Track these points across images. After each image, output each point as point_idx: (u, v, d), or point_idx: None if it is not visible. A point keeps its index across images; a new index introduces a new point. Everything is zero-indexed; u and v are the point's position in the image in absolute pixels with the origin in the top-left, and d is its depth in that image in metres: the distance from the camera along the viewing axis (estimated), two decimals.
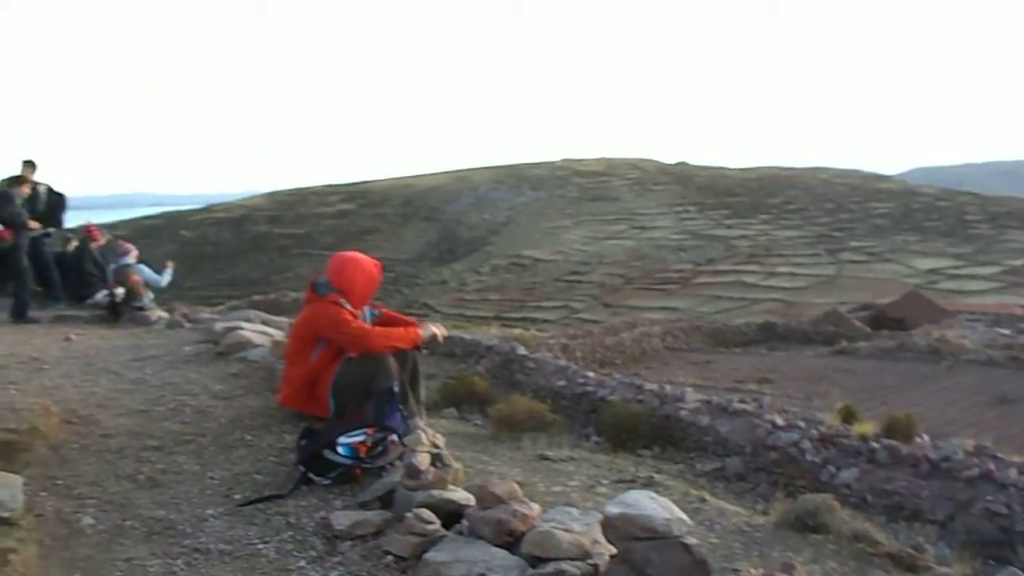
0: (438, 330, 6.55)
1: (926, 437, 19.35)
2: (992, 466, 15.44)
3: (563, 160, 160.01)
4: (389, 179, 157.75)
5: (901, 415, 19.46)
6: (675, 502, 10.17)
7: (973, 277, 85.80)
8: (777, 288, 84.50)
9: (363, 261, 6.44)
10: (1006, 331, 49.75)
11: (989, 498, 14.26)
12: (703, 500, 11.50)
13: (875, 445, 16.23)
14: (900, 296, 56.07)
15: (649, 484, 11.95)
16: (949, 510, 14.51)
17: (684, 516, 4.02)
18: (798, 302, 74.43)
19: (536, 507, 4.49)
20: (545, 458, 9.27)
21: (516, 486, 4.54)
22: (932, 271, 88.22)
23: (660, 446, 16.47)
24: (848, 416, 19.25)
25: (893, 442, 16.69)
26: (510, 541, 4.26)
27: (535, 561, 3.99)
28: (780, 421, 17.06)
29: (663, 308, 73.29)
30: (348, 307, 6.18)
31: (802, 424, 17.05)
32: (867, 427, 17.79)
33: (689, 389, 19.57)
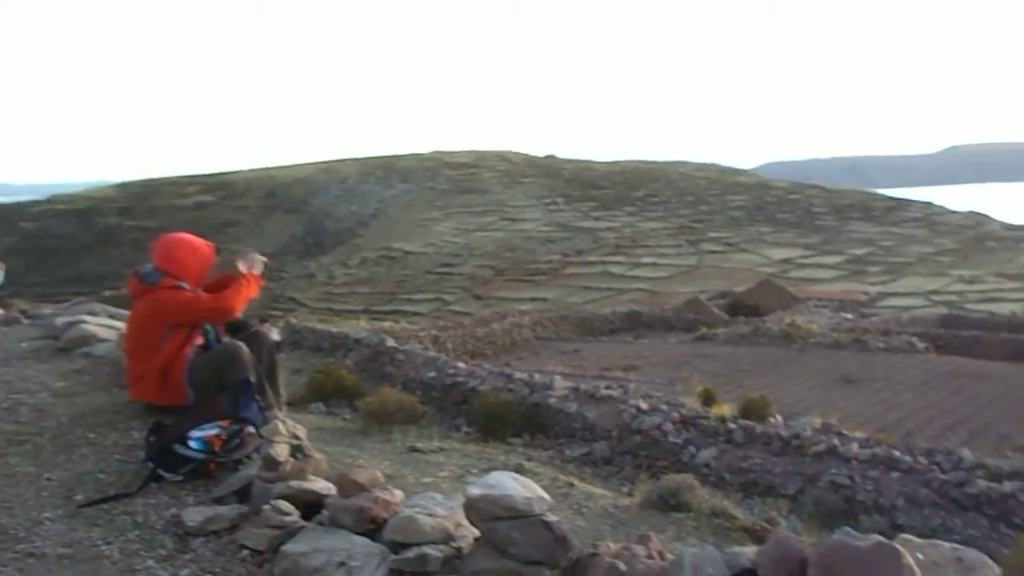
0: (258, 257, 6.28)
1: (779, 417, 20.47)
2: (837, 442, 16.49)
3: (433, 152, 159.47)
4: (251, 170, 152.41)
5: (756, 397, 20.51)
6: (544, 488, 10.28)
7: (820, 266, 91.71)
8: (642, 278, 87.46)
9: (193, 241, 6.10)
10: (850, 316, 53.50)
11: (834, 471, 15.23)
12: (571, 485, 11.71)
13: (732, 426, 17.01)
14: (755, 284, 59.13)
15: (519, 471, 12.06)
16: (799, 484, 15.39)
17: (545, 495, 4.02)
18: (662, 291, 77.31)
19: (400, 493, 4.38)
20: (415, 450, 9.18)
21: (379, 473, 4.42)
22: (784, 260, 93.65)
23: (530, 434, 16.63)
24: (708, 399, 20.09)
25: (748, 422, 17.55)
26: (372, 529, 4.13)
27: (398, 547, 3.89)
28: (644, 406, 17.59)
29: (533, 299, 74.40)
30: (187, 288, 5.86)
31: (664, 408, 17.64)
32: (725, 409, 18.62)
33: (558, 377, 19.89)
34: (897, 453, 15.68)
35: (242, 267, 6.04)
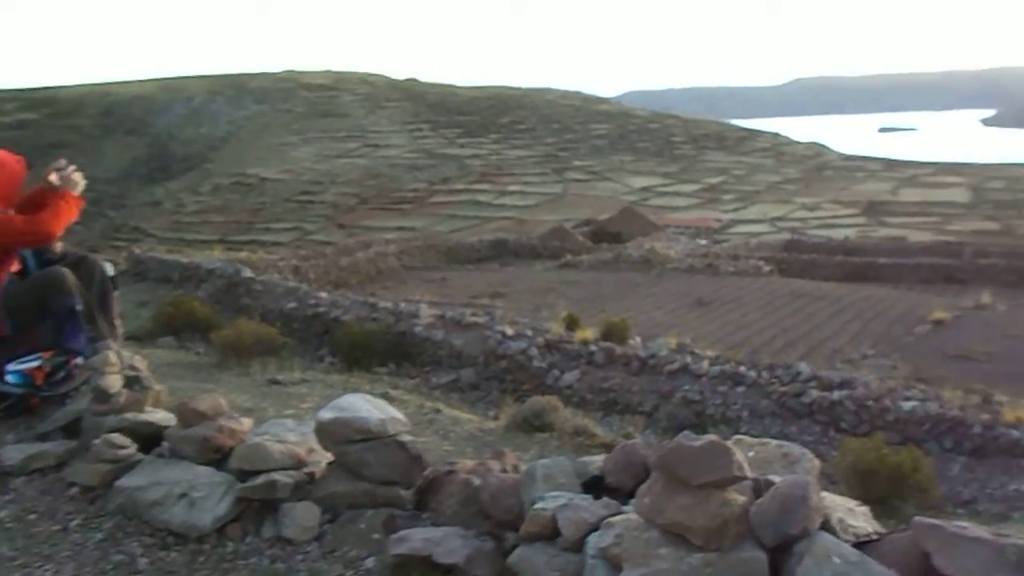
0: (74, 173, 5.53)
1: (638, 338, 21.29)
2: (689, 360, 17.35)
3: (286, 71, 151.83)
4: (82, 85, 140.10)
5: (617, 320, 21.21)
6: (410, 415, 10.21)
7: (678, 194, 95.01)
8: (509, 206, 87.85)
9: None
10: (704, 242, 55.87)
11: (686, 388, 16.06)
12: (437, 411, 11.76)
13: (593, 348, 17.58)
14: (617, 212, 60.59)
15: (385, 400, 12.03)
16: (655, 401, 16.15)
17: (400, 415, 3.94)
18: (529, 219, 78.00)
19: (247, 421, 4.19)
20: (276, 382, 8.96)
21: (222, 401, 4.20)
22: (644, 189, 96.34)
23: (396, 363, 16.56)
24: (571, 324, 20.61)
25: (609, 345, 18.18)
26: (219, 458, 3.95)
27: (245, 475, 3.73)
28: (510, 331, 17.86)
29: (399, 228, 73.41)
30: None
31: (530, 333, 17.98)
32: (587, 333, 19.20)
33: (424, 306, 19.82)
34: (743, 369, 16.68)
35: (54, 181, 5.31)
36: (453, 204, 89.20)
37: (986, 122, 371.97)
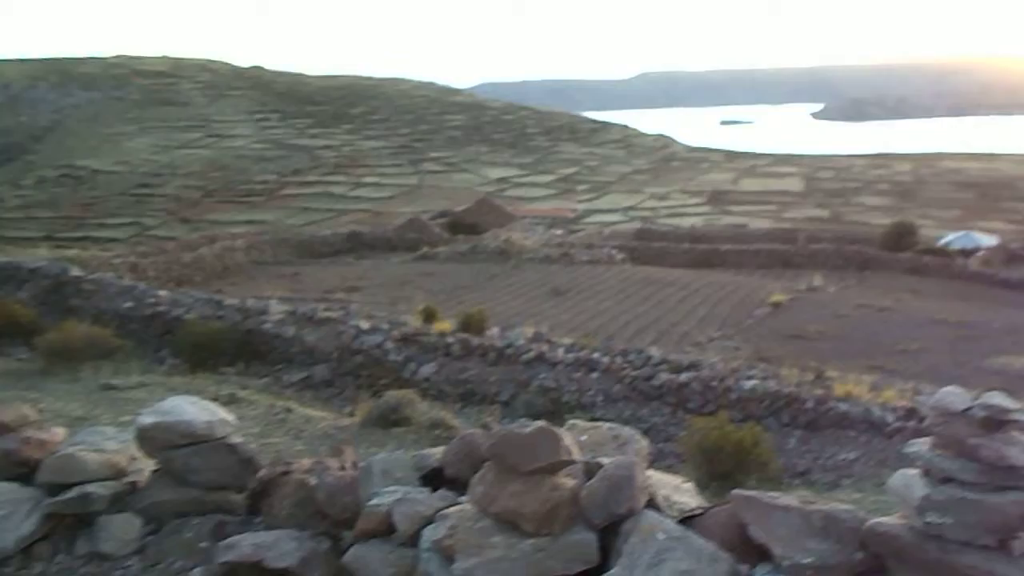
0: None
1: (495, 329, 21.46)
2: (545, 349, 17.66)
3: (119, 57, 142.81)
4: None
5: (474, 311, 21.29)
6: (260, 415, 9.84)
7: (534, 185, 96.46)
8: (364, 198, 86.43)
9: None
10: (559, 232, 57.04)
11: (543, 376, 16.32)
12: (289, 410, 11.41)
13: (451, 340, 17.56)
14: (473, 203, 60.81)
15: (232, 401, 11.51)
16: (512, 390, 16.32)
17: (228, 416, 3.76)
18: (385, 211, 77.05)
19: (60, 431, 3.88)
20: (111, 387, 8.42)
21: (29, 411, 3.86)
22: (501, 180, 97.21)
23: (245, 362, 15.93)
24: (429, 316, 20.53)
25: (466, 336, 18.21)
26: (25, 473, 3.63)
27: (56, 489, 3.45)
28: (365, 325, 17.56)
29: (249, 221, 70.68)
30: None
31: (386, 327, 17.75)
32: (445, 324, 19.18)
33: (274, 301, 19.18)
34: (597, 355, 17.13)
35: None
36: (305, 196, 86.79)
37: (815, 115, 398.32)
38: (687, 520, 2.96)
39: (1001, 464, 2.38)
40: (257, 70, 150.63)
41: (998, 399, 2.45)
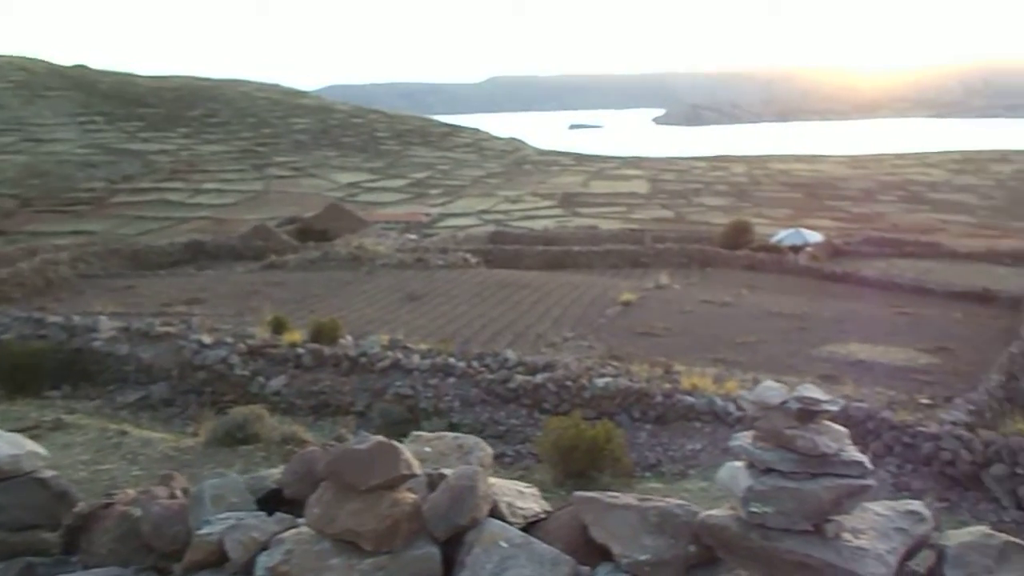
0: None
1: (349, 337, 21.01)
2: (401, 356, 17.46)
3: None
4: None
5: (326, 320, 20.74)
6: (91, 441, 9.15)
7: (386, 189, 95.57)
8: (205, 205, 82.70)
9: None
10: (413, 236, 56.74)
11: (399, 384, 16.13)
12: (124, 433, 10.69)
13: (302, 351, 17.04)
14: (323, 209, 59.50)
15: (58, 427, 10.68)
16: (368, 400, 16.03)
17: (39, 449, 3.44)
18: (229, 219, 74.01)
19: None
20: None
21: None
22: (351, 184, 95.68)
23: (72, 384, 14.84)
24: (278, 327, 19.80)
25: (317, 345, 17.74)
26: None
27: None
28: (208, 339, 16.75)
29: (75, 232, 65.92)
30: None
31: (231, 340, 17.00)
32: (295, 335, 18.56)
33: (104, 317, 17.97)
34: (452, 360, 17.12)
35: None
36: (139, 204, 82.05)
37: (657, 120, 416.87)
38: (531, 526, 2.95)
39: (814, 453, 2.52)
40: (80, 69, 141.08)
41: (811, 391, 2.59)
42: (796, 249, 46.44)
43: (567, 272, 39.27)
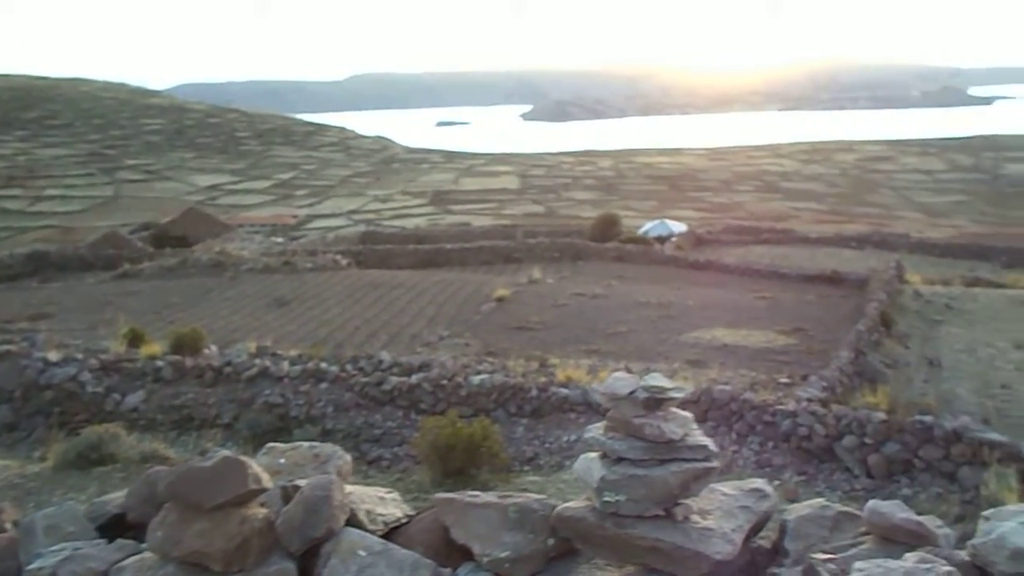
0: None
1: (213, 347, 20.14)
2: (269, 363, 16.88)
3: None
4: None
5: (187, 330, 19.80)
6: None
7: (249, 191, 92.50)
8: (49, 213, 77.63)
9: None
10: (280, 239, 55.16)
11: (268, 392, 15.58)
12: None
13: (161, 364, 16.18)
14: (181, 214, 57.01)
15: None
16: (235, 411, 15.40)
17: None
18: (77, 227, 69.78)
19: None
20: None
21: None
22: (211, 187, 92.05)
23: None
24: (135, 339, 18.74)
25: (178, 357, 16.91)
26: None
27: None
28: (55, 356, 15.68)
29: None
30: None
31: (80, 356, 15.97)
32: (154, 347, 17.61)
33: None
34: (325, 365, 16.70)
35: None
36: None
37: (524, 116, 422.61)
38: (393, 532, 2.88)
39: (661, 439, 2.57)
40: None
41: (657, 380, 2.65)
42: (662, 240, 48.10)
43: (440, 270, 39.19)
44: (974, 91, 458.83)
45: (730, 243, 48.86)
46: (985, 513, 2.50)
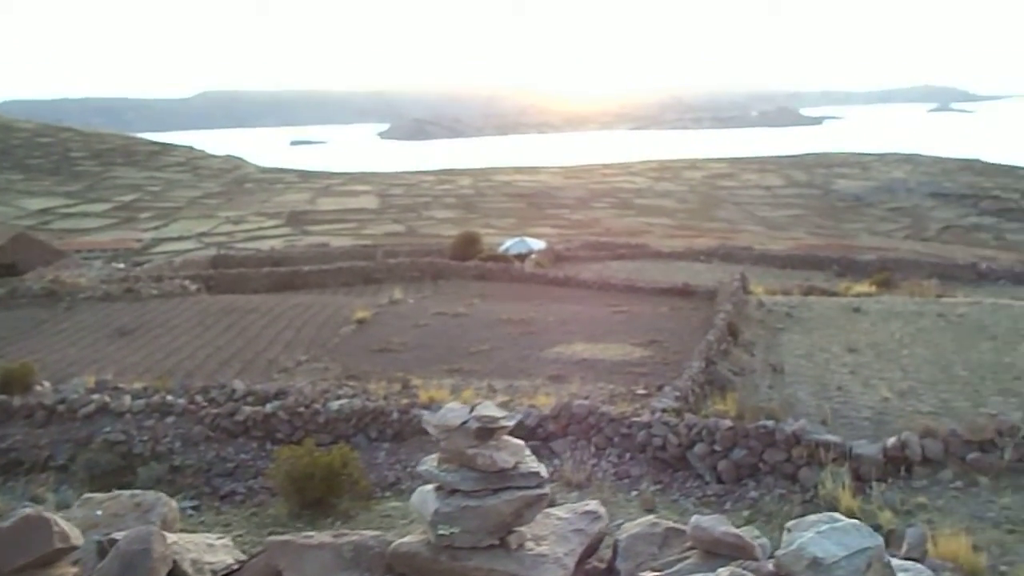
0: None
1: (46, 383, 18.74)
2: (109, 399, 15.85)
3: None
4: None
5: (16, 366, 18.40)
6: None
7: (87, 214, 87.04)
8: None
9: None
10: (122, 265, 52.14)
11: (107, 430, 14.60)
12: None
13: None
14: (8, 240, 52.92)
15: None
16: (70, 451, 14.32)
17: None
18: None
19: None
20: None
21: None
22: (44, 211, 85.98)
23: None
24: None
25: (5, 397, 15.65)
26: None
27: None
28: None
29: None
30: None
31: None
32: None
33: None
34: (171, 398, 15.86)
35: None
36: None
37: (382, 135, 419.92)
38: None
39: (494, 469, 2.56)
40: None
41: (488, 409, 2.63)
42: (521, 257, 48.73)
43: (298, 293, 38.14)
44: (806, 112, 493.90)
45: (588, 259, 50.10)
46: (788, 524, 2.62)
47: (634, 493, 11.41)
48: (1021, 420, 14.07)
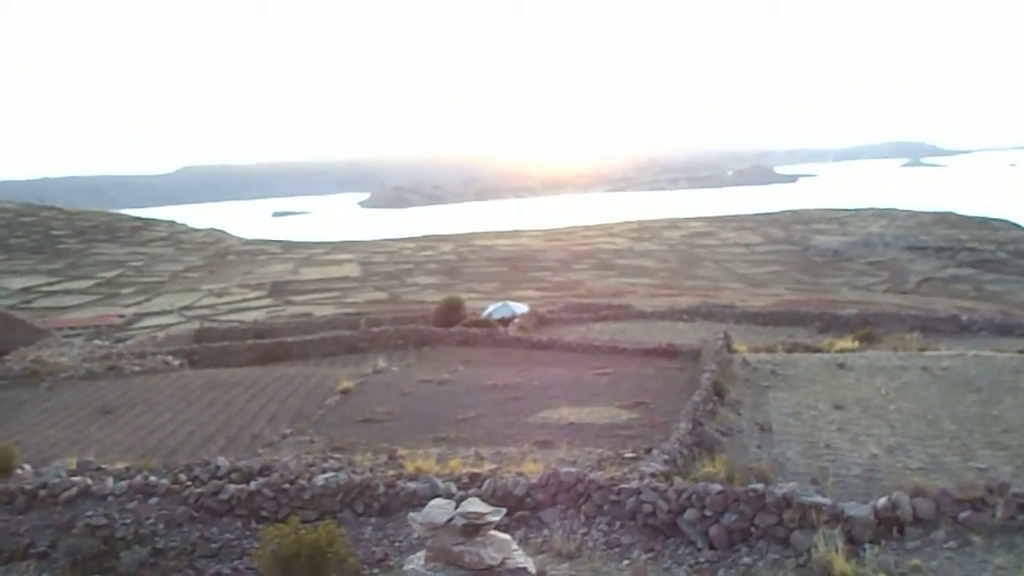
0: None
1: (27, 467, 18.39)
2: (91, 481, 15.55)
3: None
4: None
5: None
6: None
7: (69, 292, 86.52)
8: None
9: None
10: (104, 342, 51.63)
11: (89, 514, 14.27)
12: None
13: None
14: None
15: None
16: (51, 537, 13.96)
17: None
18: None
19: None
20: None
21: None
22: (25, 290, 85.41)
23: None
24: None
25: None
26: None
27: None
28: None
29: None
30: None
31: None
32: None
33: None
34: (154, 478, 15.58)
35: None
36: None
37: (362, 204, 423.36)
38: None
39: (481, 567, 2.56)
40: None
41: (474, 505, 2.64)
42: (505, 322, 48.72)
43: (282, 365, 37.91)
44: (780, 169, 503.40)
45: (571, 321, 50.19)
46: None
47: (625, 562, 11.26)
48: (1011, 474, 14.12)
